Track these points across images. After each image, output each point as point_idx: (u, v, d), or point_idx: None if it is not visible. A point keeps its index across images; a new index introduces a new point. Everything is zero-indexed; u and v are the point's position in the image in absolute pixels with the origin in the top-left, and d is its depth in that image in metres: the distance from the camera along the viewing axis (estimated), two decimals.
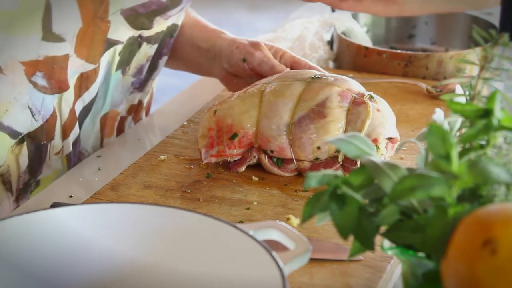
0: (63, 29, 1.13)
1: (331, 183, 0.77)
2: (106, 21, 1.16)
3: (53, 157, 1.23)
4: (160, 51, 1.31)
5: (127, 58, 1.25)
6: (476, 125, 0.76)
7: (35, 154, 1.20)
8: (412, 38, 1.62)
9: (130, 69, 1.27)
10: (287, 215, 1.03)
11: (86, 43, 1.16)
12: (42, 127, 1.19)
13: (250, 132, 1.13)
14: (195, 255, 0.84)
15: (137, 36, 1.24)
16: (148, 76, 1.32)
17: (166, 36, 1.30)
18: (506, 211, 0.68)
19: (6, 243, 0.84)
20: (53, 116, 1.19)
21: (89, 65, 1.19)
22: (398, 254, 0.77)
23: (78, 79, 1.20)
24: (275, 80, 1.16)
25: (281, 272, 0.76)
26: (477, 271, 0.67)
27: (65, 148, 1.24)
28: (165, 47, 1.31)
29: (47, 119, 1.18)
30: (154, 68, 1.33)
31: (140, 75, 1.30)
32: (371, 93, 1.14)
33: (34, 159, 1.21)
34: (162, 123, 1.32)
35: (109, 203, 0.89)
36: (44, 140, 1.20)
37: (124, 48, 1.23)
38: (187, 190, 1.09)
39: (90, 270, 0.86)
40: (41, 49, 1.13)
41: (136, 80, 1.30)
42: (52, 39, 1.13)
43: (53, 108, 1.19)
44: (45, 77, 1.15)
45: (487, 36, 0.80)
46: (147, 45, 1.27)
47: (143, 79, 1.31)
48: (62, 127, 1.22)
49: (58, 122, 1.21)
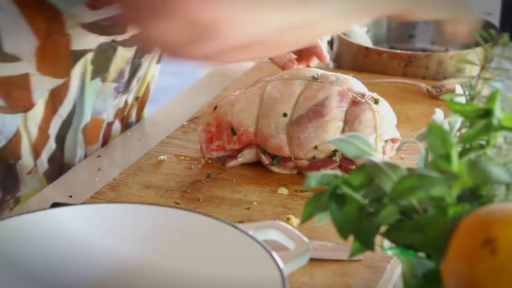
0: (16, 49, 1.10)
1: (331, 183, 0.77)
2: (64, 34, 1.12)
3: (25, 177, 1.20)
4: (141, 51, 1.26)
5: (103, 65, 1.21)
6: (476, 125, 0.76)
7: (6, 173, 1.18)
8: (412, 38, 1.62)
9: (110, 75, 1.23)
10: (287, 215, 1.03)
11: (48, 59, 1.12)
12: (6, 147, 1.16)
13: (250, 130, 1.13)
14: (195, 255, 0.84)
15: (110, 42, 1.19)
16: (130, 77, 1.28)
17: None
18: (506, 211, 0.68)
19: (6, 243, 0.84)
20: (17, 135, 1.16)
21: (57, 80, 1.15)
22: (398, 254, 0.77)
23: (49, 96, 1.17)
24: (277, 78, 1.16)
25: (281, 272, 0.76)
26: (477, 271, 0.67)
27: (40, 167, 1.21)
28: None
29: (10, 139, 1.16)
30: (137, 68, 1.28)
31: (122, 79, 1.25)
32: (374, 94, 1.14)
33: (6, 178, 1.18)
34: (162, 123, 1.32)
35: (109, 203, 0.89)
36: (11, 159, 1.18)
37: (96, 56, 1.18)
38: (187, 190, 1.09)
39: (90, 270, 0.86)
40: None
41: (119, 85, 1.26)
42: (6, 59, 1.10)
43: (16, 128, 1.16)
44: (3, 98, 1.12)
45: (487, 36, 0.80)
46: (123, 48, 1.22)
47: (125, 82, 1.27)
48: (32, 146, 1.19)
49: (25, 141, 1.18)
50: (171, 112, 1.38)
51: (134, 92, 1.34)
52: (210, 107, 1.17)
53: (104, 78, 1.22)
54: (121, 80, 1.25)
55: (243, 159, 1.14)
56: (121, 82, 1.25)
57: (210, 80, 1.50)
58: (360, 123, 1.10)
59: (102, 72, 1.21)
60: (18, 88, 1.12)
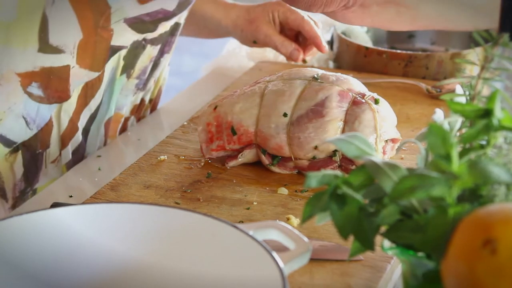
0: (61, 41, 1.12)
1: (331, 183, 0.77)
2: (108, 29, 1.16)
3: (49, 165, 1.22)
4: (162, 50, 1.31)
5: (131, 62, 1.25)
6: (476, 125, 0.76)
7: (30, 163, 1.20)
8: (412, 38, 1.62)
9: (135, 71, 1.27)
10: (287, 215, 1.03)
11: (88, 53, 1.15)
12: (37, 136, 1.18)
13: (250, 130, 1.13)
14: (195, 255, 0.84)
15: (141, 40, 1.23)
16: (150, 75, 1.32)
17: (168, 36, 1.30)
18: (506, 211, 0.68)
19: (6, 243, 0.84)
20: (49, 125, 1.18)
21: (93, 73, 1.18)
22: (398, 254, 0.77)
23: (83, 89, 1.20)
24: (277, 78, 1.16)
25: (281, 272, 0.76)
26: (477, 271, 0.67)
27: (64, 157, 1.23)
28: (166, 45, 1.31)
29: (41, 128, 1.18)
30: (156, 67, 1.32)
31: (144, 76, 1.30)
32: (374, 94, 1.14)
33: (30, 168, 1.20)
34: (162, 123, 1.33)
35: (109, 203, 0.89)
36: (40, 148, 1.20)
37: (128, 53, 1.23)
38: (187, 190, 1.09)
39: (90, 270, 0.86)
40: (38, 61, 1.12)
41: (140, 81, 1.30)
42: (50, 51, 1.12)
43: (49, 117, 1.18)
44: (41, 87, 1.14)
45: (487, 36, 0.80)
46: (151, 47, 1.26)
47: (145, 79, 1.31)
48: (61, 136, 1.21)
49: (55, 131, 1.20)
50: (171, 112, 1.38)
51: (150, 92, 1.37)
52: (210, 107, 1.17)
53: (129, 75, 1.26)
54: (142, 77, 1.29)
55: (243, 159, 1.15)
56: (142, 79, 1.30)
57: (210, 80, 1.50)
58: (360, 123, 1.10)
59: (129, 68, 1.26)
60: (58, 80, 1.14)
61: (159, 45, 1.28)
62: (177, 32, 1.32)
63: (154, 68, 1.32)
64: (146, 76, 1.30)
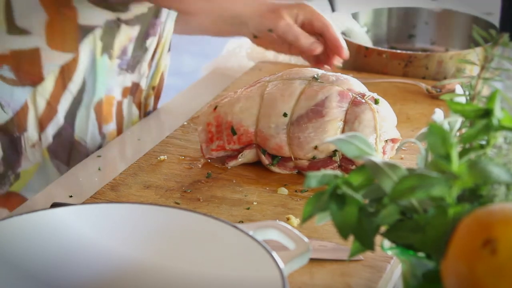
0: (27, 22, 1.13)
1: (331, 183, 0.77)
2: (71, 8, 1.16)
3: (29, 150, 1.22)
4: (146, 32, 1.30)
5: (110, 41, 1.25)
6: (476, 125, 0.76)
7: (9, 146, 1.20)
8: (412, 38, 1.62)
9: (115, 51, 1.27)
10: (287, 215, 1.03)
11: (57, 34, 1.16)
12: (13, 120, 1.19)
13: (250, 130, 1.13)
14: (195, 255, 0.84)
15: (115, 19, 1.24)
16: (136, 57, 1.32)
17: (149, 17, 1.29)
18: (506, 211, 0.68)
19: (6, 243, 0.84)
20: (24, 108, 1.19)
21: (66, 54, 1.19)
22: (398, 254, 0.77)
23: (60, 72, 1.20)
24: (277, 78, 1.16)
25: (281, 272, 0.76)
26: (477, 271, 0.67)
27: (44, 141, 1.23)
28: (150, 28, 1.31)
29: (17, 111, 1.18)
30: (142, 49, 1.32)
31: (125, 56, 1.29)
32: (374, 94, 1.14)
33: (9, 151, 1.21)
34: (162, 123, 1.33)
35: (109, 203, 0.89)
36: (17, 132, 1.20)
37: (104, 32, 1.23)
38: (187, 190, 1.09)
39: (90, 270, 0.86)
40: (7, 43, 1.13)
41: (122, 61, 1.29)
42: (17, 33, 1.13)
43: (24, 100, 1.19)
44: (12, 70, 1.15)
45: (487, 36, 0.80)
46: (126, 26, 1.26)
47: (130, 60, 1.31)
48: (39, 119, 1.22)
49: (31, 114, 1.21)
50: (171, 112, 1.38)
51: (149, 80, 1.37)
52: (210, 107, 1.17)
53: (110, 55, 1.27)
54: (124, 57, 1.29)
55: (243, 159, 1.15)
56: (124, 58, 1.29)
57: (210, 80, 1.50)
58: (360, 123, 1.10)
59: (109, 48, 1.26)
60: (29, 62, 1.15)
61: (138, 26, 1.28)
62: (161, 14, 1.31)
63: (139, 49, 1.31)
64: (128, 57, 1.30)
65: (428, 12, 1.61)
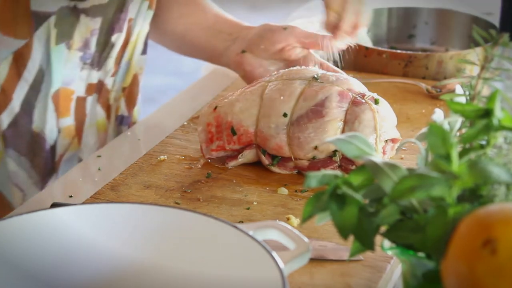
0: None
1: (331, 183, 0.77)
2: None
3: None
4: (110, 26, 1.28)
5: (67, 31, 1.23)
6: (476, 125, 0.76)
7: None
8: (412, 38, 1.62)
9: (75, 42, 1.25)
10: (287, 215, 1.03)
11: (8, 19, 1.15)
12: None
13: (250, 130, 1.13)
14: (195, 255, 0.84)
15: (72, 7, 1.21)
16: (101, 53, 1.29)
17: (112, 10, 1.27)
18: (506, 211, 0.68)
19: (6, 243, 0.84)
20: None
21: (19, 41, 1.18)
22: (398, 254, 0.77)
23: (13, 59, 1.20)
24: (277, 78, 1.16)
25: (281, 272, 0.76)
26: (477, 271, 0.67)
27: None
28: (115, 22, 1.28)
29: None
30: (107, 45, 1.29)
31: (88, 49, 1.27)
32: (374, 94, 1.14)
33: None
34: (162, 123, 1.32)
35: (109, 203, 0.89)
36: None
37: (59, 20, 1.21)
38: (187, 190, 1.09)
39: (90, 270, 0.86)
40: None
41: (85, 55, 1.27)
42: None
43: None
44: None
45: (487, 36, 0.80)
46: (86, 17, 1.24)
47: (94, 54, 1.28)
48: None
49: None
50: (171, 112, 1.38)
51: (119, 80, 1.35)
52: (210, 107, 1.17)
53: (69, 45, 1.24)
54: (87, 50, 1.27)
55: (243, 159, 1.15)
56: (87, 52, 1.27)
57: (210, 80, 1.50)
58: (360, 123, 1.10)
59: (67, 38, 1.23)
60: None
61: (99, 18, 1.25)
62: (126, 9, 1.29)
63: (104, 44, 1.29)
64: (92, 51, 1.27)
65: (428, 12, 1.61)
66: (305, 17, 1.64)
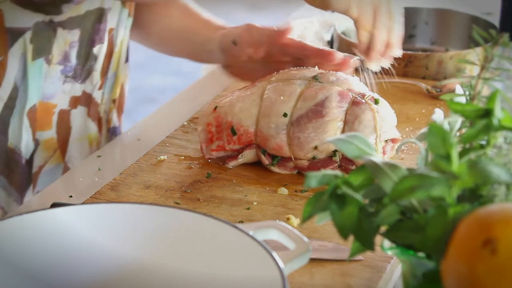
0: None
1: (331, 183, 0.77)
2: None
3: None
4: (91, 38, 1.25)
5: (44, 45, 1.20)
6: (476, 125, 0.76)
7: None
8: (412, 38, 1.62)
9: (54, 57, 1.22)
10: (287, 215, 1.03)
11: None
12: None
13: (250, 130, 1.13)
14: (195, 255, 0.84)
15: (47, 21, 1.18)
16: (84, 65, 1.26)
17: (90, 22, 1.25)
18: (506, 211, 0.68)
19: (6, 243, 0.84)
20: None
21: None
22: (398, 254, 0.77)
23: None
24: (277, 78, 1.16)
25: (281, 272, 0.76)
26: (477, 271, 0.67)
27: None
28: (95, 33, 1.25)
29: None
30: (90, 57, 1.26)
31: (68, 62, 1.24)
32: (375, 94, 1.14)
33: None
34: (162, 123, 1.32)
35: (109, 203, 0.89)
36: None
37: (35, 35, 1.18)
38: (187, 190, 1.09)
39: (90, 270, 0.86)
40: None
41: (66, 68, 1.24)
42: None
43: None
44: None
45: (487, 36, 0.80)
46: (63, 30, 1.21)
47: (75, 67, 1.25)
48: None
49: None
50: (171, 112, 1.38)
51: (108, 92, 1.33)
52: (210, 107, 1.17)
53: (48, 60, 1.21)
54: (67, 63, 1.24)
55: (243, 159, 1.15)
56: (67, 65, 1.24)
57: (210, 80, 1.50)
58: (360, 123, 1.10)
59: (45, 53, 1.20)
60: None
61: (77, 30, 1.23)
62: (105, 19, 1.26)
63: (86, 57, 1.26)
64: (73, 64, 1.24)
65: (428, 12, 1.61)
66: (305, 17, 1.63)
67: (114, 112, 1.36)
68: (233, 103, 1.15)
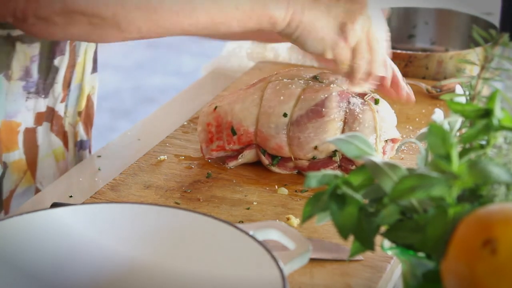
0: None
1: (331, 183, 0.77)
2: None
3: None
4: (51, 50, 1.18)
5: (3, 61, 1.14)
6: (476, 125, 0.76)
7: None
8: (412, 38, 1.62)
9: (14, 72, 1.15)
10: (287, 215, 1.03)
11: None
12: None
13: (250, 130, 1.13)
14: (195, 255, 0.84)
15: (5, 36, 1.13)
16: (45, 79, 1.20)
17: None
18: (506, 211, 0.68)
19: (6, 243, 0.84)
20: None
21: None
22: (398, 254, 0.77)
23: None
24: (277, 78, 1.16)
25: (281, 272, 0.76)
26: (477, 271, 0.67)
27: None
28: (56, 45, 1.19)
29: None
30: (51, 70, 1.20)
31: (30, 77, 1.17)
32: (375, 94, 1.14)
33: None
34: (162, 123, 1.32)
35: (109, 203, 0.89)
36: None
37: None
38: (187, 190, 1.09)
39: (90, 270, 0.86)
40: None
41: (27, 84, 1.17)
42: None
43: None
44: None
45: (487, 36, 0.80)
46: (23, 44, 1.15)
47: (37, 82, 1.18)
48: None
49: None
50: (171, 112, 1.38)
51: (73, 105, 1.26)
52: (210, 107, 1.17)
53: (8, 76, 1.15)
54: (29, 79, 1.17)
55: (243, 159, 1.15)
56: (29, 81, 1.18)
57: (210, 80, 1.50)
58: (360, 123, 1.10)
59: (4, 68, 1.15)
60: None
61: (37, 43, 1.16)
62: None
63: (47, 70, 1.19)
64: (34, 79, 1.18)
65: (428, 12, 1.61)
66: None
67: (81, 125, 1.29)
68: (233, 103, 1.15)
